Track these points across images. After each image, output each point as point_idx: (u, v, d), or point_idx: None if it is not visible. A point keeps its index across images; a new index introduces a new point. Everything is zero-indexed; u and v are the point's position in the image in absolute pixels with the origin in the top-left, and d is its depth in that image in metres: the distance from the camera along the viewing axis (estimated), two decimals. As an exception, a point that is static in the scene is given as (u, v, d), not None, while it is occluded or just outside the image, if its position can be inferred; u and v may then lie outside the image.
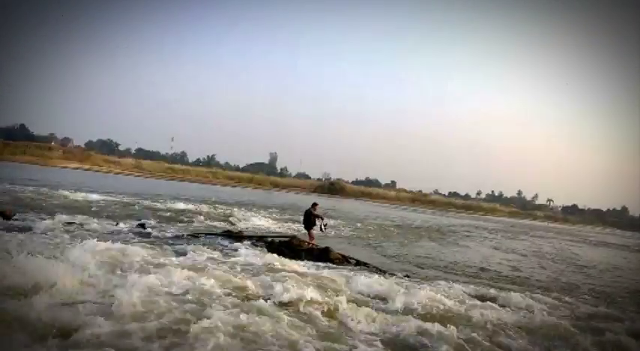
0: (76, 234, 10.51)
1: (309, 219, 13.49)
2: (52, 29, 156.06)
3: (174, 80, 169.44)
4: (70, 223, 12.16)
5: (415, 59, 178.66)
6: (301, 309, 6.13)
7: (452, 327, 5.87)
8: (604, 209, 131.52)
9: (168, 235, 12.57)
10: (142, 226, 13.54)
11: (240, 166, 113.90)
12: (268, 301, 6.22)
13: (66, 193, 21.38)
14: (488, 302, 7.75)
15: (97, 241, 8.22)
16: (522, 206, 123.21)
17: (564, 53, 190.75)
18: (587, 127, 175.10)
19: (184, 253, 9.37)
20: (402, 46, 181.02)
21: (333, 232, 18.65)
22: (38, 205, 16.31)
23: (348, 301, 6.68)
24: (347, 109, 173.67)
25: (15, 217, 12.19)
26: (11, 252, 6.47)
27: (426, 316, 6.53)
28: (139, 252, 8.35)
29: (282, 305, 6.17)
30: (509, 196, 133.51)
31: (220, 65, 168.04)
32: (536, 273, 14.20)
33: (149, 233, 12.35)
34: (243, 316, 5.27)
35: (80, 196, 21.10)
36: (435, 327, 5.83)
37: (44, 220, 12.09)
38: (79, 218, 13.28)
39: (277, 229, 17.51)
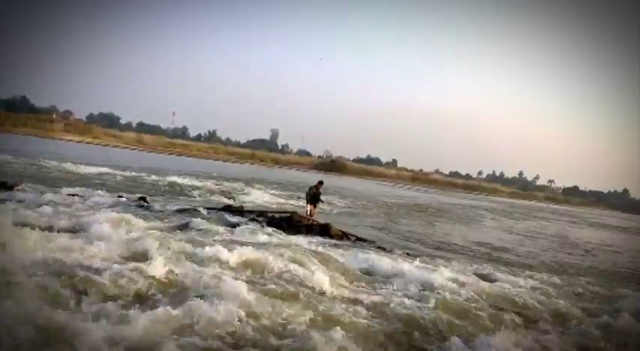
0: (80, 206, 10.55)
1: (313, 196, 13.55)
2: (54, 2, 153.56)
3: (176, 55, 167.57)
4: (72, 195, 12.19)
5: (419, 40, 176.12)
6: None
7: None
8: (605, 191, 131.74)
9: (170, 208, 12.62)
10: (144, 199, 13.57)
11: (242, 142, 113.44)
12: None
13: (68, 165, 21.40)
14: (487, 281, 7.81)
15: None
16: (523, 187, 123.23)
17: (568, 40, 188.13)
18: (590, 111, 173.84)
19: (186, 226, 9.46)
20: (407, 27, 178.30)
21: (335, 211, 18.77)
22: (41, 177, 16.36)
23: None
24: (349, 87, 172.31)
25: (18, 188, 12.21)
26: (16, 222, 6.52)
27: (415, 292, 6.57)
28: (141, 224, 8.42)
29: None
30: (510, 177, 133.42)
31: (222, 41, 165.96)
32: (535, 253, 14.33)
33: (150, 207, 12.40)
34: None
35: (82, 168, 21.13)
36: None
37: (47, 192, 12.08)
38: (81, 190, 13.30)
39: (277, 206, 17.58)
